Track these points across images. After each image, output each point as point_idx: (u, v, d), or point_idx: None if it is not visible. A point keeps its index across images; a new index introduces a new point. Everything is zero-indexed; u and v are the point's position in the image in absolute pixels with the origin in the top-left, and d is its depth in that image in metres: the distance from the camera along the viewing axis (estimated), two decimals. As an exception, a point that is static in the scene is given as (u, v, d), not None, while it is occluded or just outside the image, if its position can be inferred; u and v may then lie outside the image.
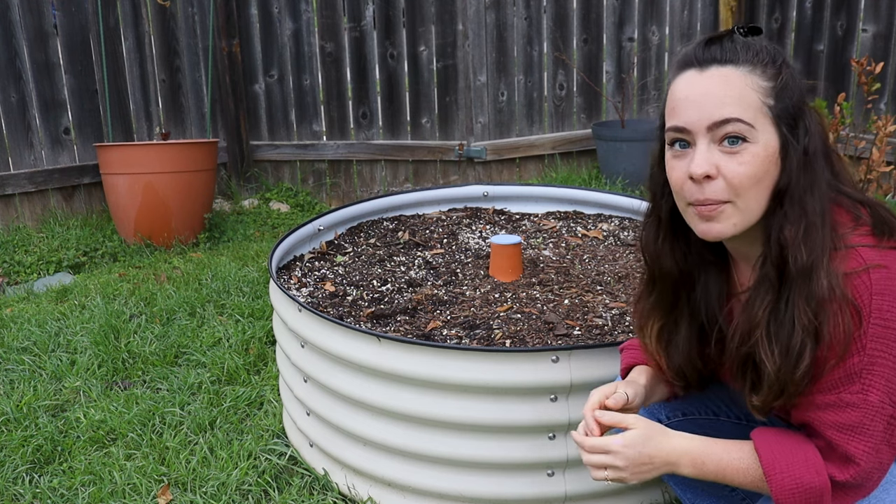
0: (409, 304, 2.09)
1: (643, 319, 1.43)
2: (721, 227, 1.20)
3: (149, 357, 2.79)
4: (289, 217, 4.72)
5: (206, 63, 4.81)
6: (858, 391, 1.15)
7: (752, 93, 1.16)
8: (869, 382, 1.14)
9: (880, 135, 2.94)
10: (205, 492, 2.04)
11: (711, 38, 1.20)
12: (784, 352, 1.18)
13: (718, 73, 1.17)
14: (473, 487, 1.80)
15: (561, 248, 2.50)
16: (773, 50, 1.19)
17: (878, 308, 1.12)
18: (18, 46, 4.26)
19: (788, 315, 1.17)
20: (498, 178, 4.84)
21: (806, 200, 1.17)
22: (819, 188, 1.18)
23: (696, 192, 1.19)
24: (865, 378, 1.14)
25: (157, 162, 4.06)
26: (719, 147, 1.17)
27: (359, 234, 2.64)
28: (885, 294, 1.13)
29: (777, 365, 1.19)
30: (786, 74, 1.18)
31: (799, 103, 1.19)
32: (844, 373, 1.16)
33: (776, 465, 1.22)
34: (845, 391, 1.16)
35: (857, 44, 4.01)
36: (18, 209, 4.35)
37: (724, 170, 1.17)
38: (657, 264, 1.36)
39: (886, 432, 1.17)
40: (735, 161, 1.16)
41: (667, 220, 1.32)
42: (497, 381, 1.70)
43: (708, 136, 1.17)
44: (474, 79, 4.70)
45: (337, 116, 4.94)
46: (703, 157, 1.17)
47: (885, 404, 1.15)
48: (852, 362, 1.15)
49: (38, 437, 2.32)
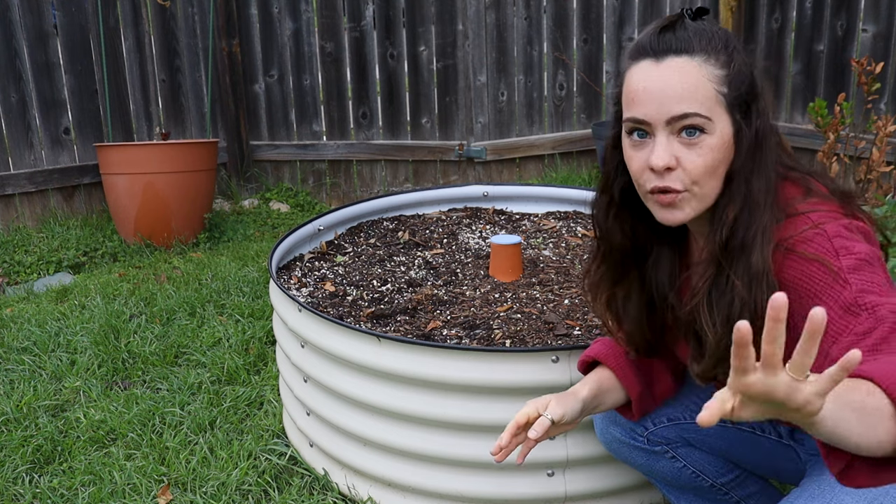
0: (409, 304, 2.09)
1: (593, 289, 1.48)
2: (682, 215, 1.24)
3: (149, 357, 2.79)
4: (289, 217, 4.72)
5: (206, 63, 4.81)
6: (870, 313, 1.09)
7: (708, 83, 1.19)
8: (873, 301, 1.09)
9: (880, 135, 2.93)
10: (205, 492, 2.04)
11: (664, 26, 1.22)
12: (724, 321, 1.22)
13: (675, 65, 1.19)
14: (473, 487, 1.80)
15: (561, 248, 2.50)
16: (723, 35, 1.22)
17: (842, 246, 1.14)
18: (18, 46, 4.26)
19: (728, 287, 1.21)
20: (498, 178, 4.84)
21: (752, 181, 1.21)
22: (766, 168, 1.22)
23: (655, 181, 1.23)
24: (861, 304, 1.10)
25: (157, 162, 4.06)
26: (678, 138, 1.20)
27: (359, 234, 2.64)
28: (839, 236, 1.16)
29: (716, 334, 1.23)
30: (737, 60, 1.21)
31: (751, 87, 1.22)
32: (840, 311, 1.11)
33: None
34: (854, 326, 1.09)
35: (857, 44, 4.01)
36: (18, 209, 4.35)
37: (683, 161, 1.20)
38: (608, 239, 1.41)
39: None
40: (694, 153, 1.20)
41: (619, 198, 1.37)
42: (497, 381, 1.70)
43: (667, 128, 1.20)
44: (474, 79, 4.70)
45: (337, 116, 4.94)
46: (662, 149, 1.20)
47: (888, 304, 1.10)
48: (843, 297, 1.11)
49: (38, 437, 2.32)
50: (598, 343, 1.54)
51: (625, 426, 1.58)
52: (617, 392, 1.49)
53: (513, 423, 1.32)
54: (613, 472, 1.79)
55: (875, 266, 1.15)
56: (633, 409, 1.51)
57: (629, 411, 1.53)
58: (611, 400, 1.48)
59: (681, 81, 1.18)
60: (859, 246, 1.16)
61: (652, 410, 1.55)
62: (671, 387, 1.55)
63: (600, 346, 1.53)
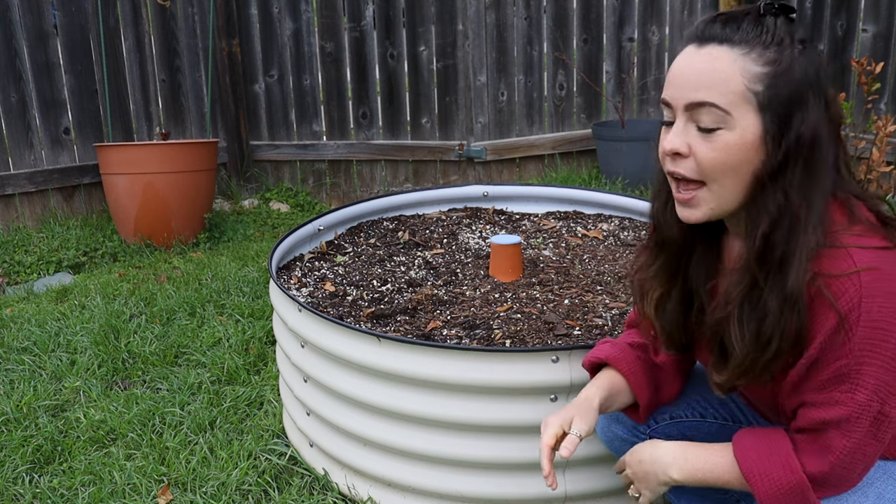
0: (409, 304, 2.09)
1: (646, 285, 1.42)
2: (698, 214, 1.23)
3: (149, 357, 2.79)
4: (289, 217, 4.72)
5: (206, 63, 4.81)
6: (847, 391, 1.16)
7: (739, 78, 1.15)
8: (857, 382, 1.15)
9: (880, 135, 2.94)
10: (205, 492, 2.04)
11: (722, 14, 1.19)
12: (753, 338, 1.20)
13: (710, 53, 1.17)
14: (473, 487, 1.80)
15: (561, 248, 2.50)
16: (783, 34, 1.16)
17: (868, 310, 1.12)
18: (18, 46, 4.26)
19: (761, 303, 1.19)
20: (498, 178, 4.84)
21: (791, 193, 1.16)
22: (810, 182, 1.16)
23: (669, 165, 1.23)
24: (854, 378, 1.15)
25: (157, 162, 4.06)
26: (696, 128, 1.19)
27: (359, 234, 2.64)
28: (875, 297, 1.12)
29: (744, 349, 1.22)
30: (788, 60, 1.15)
31: (799, 92, 1.16)
32: (833, 374, 1.16)
33: (755, 471, 1.24)
34: (835, 391, 1.17)
35: (857, 44, 4.01)
36: (18, 209, 4.35)
37: (696, 150, 1.19)
38: (663, 231, 1.37)
39: (873, 427, 1.17)
40: (707, 145, 1.18)
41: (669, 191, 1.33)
42: (497, 381, 1.70)
43: (686, 114, 1.20)
44: (474, 79, 4.70)
45: (337, 116, 4.94)
46: (675, 135, 1.21)
47: (872, 402, 1.16)
48: (840, 364, 1.15)
49: (38, 437, 2.32)
50: (606, 344, 1.52)
51: (627, 424, 1.58)
52: (626, 395, 1.48)
53: (546, 449, 1.34)
54: (613, 472, 1.79)
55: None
56: (641, 414, 1.50)
57: (636, 413, 1.52)
58: (619, 403, 1.48)
59: (709, 70, 1.16)
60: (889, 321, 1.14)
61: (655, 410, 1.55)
62: (679, 389, 1.55)
63: (610, 347, 1.50)
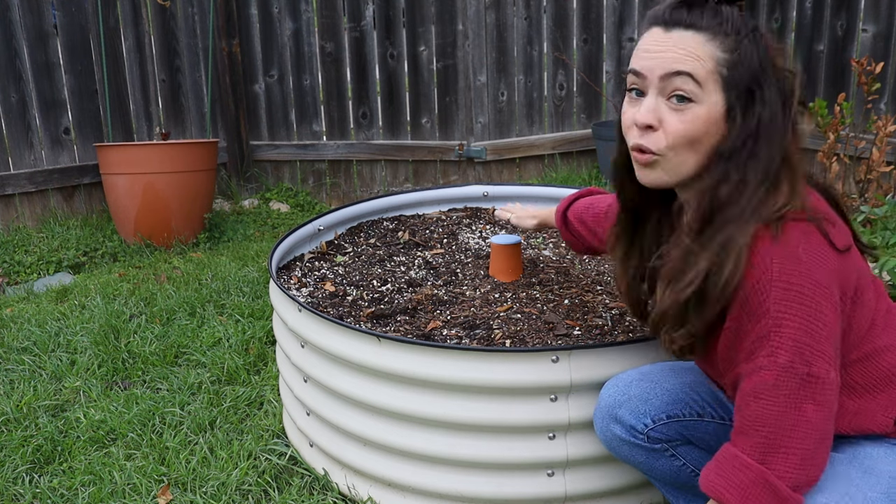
0: (409, 304, 2.09)
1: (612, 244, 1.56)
2: (654, 176, 1.31)
3: (149, 357, 2.79)
4: (289, 217, 4.72)
5: (206, 63, 4.81)
6: (768, 354, 1.19)
7: (708, 59, 1.24)
8: (777, 344, 1.18)
9: (880, 135, 2.93)
10: (205, 492, 2.04)
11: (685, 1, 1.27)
12: (675, 280, 1.28)
13: (679, 36, 1.25)
14: (473, 487, 1.80)
15: (561, 248, 2.50)
16: (739, 22, 1.26)
17: (782, 271, 1.18)
18: (18, 46, 4.26)
19: (692, 258, 1.26)
20: (498, 178, 4.84)
21: (748, 167, 1.24)
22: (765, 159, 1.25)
23: (636, 138, 1.30)
24: (773, 339, 1.19)
25: (157, 162, 4.06)
26: (667, 102, 1.26)
27: (359, 234, 2.64)
28: (788, 258, 1.18)
29: (665, 290, 1.30)
30: (745, 48, 1.24)
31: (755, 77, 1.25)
32: (756, 336, 1.21)
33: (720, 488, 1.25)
34: (758, 356, 1.21)
35: (857, 44, 4.01)
36: (18, 209, 4.35)
37: (666, 123, 1.26)
38: (620, 196, 1.48)
39: (804, 390, 1.18)
40: (677, 118, 1.25)
41: (627, 156, 1.41)
42: (497, 381, 1.70)
43: (659, 86, 1.26)
44: (474, 79, 4.70)
45: (337, 116, 4.94)
46: (647, 108, 1.27)
47: (794, 363, 1.18)
48: (761, 326, 1.20)
49: (38, 437, 2.32)
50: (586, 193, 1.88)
51: (625, 424, 1.58)
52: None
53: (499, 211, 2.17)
54: (613, 472, 1.79)
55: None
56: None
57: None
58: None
59: (683, 47, 1.25)
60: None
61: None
62: None
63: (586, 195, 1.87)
